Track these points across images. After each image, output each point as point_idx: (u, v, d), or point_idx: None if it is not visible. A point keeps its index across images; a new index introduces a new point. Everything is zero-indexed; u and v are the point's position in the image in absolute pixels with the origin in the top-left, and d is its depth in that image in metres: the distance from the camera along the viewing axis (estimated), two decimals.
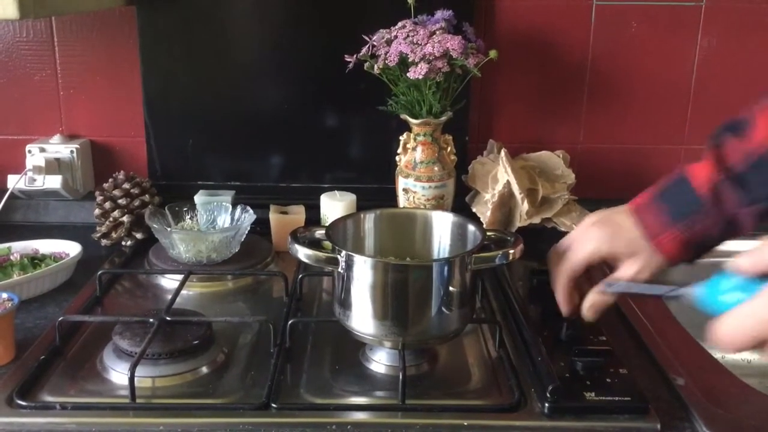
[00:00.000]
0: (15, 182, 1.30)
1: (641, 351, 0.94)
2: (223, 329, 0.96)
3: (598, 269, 0.86)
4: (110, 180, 1.27)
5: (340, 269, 0.85)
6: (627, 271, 0.82)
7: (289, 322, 0.93)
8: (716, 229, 0.78)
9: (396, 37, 1.13)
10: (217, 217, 1.22)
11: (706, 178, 0.77)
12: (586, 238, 0.84)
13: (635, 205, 0.83)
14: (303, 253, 0.85)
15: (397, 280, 0.83)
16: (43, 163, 1.31)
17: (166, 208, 1.21)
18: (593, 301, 0.84)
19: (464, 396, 0.85)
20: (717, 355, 1.29)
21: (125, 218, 1.24)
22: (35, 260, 1.13)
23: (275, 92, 1.34)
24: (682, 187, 0.79)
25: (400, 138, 1.23)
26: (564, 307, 0.87)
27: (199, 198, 1.26)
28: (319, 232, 0.92)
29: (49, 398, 0.82)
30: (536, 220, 1.24)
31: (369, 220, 0.97)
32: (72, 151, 1.35)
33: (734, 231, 0.77)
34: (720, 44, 1.35)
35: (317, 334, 0.97)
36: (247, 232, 1.17)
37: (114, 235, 1.24)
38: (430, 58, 1.10)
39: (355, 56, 1.16)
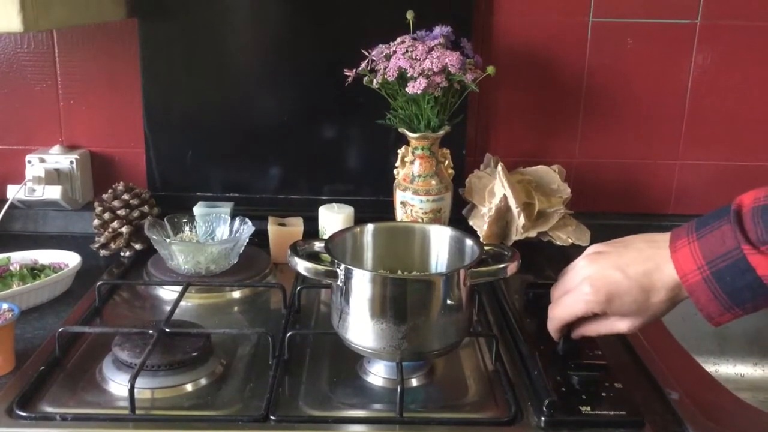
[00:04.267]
0: (15, 192, 1.31)
1: (636, 365, 0.95)
2: (221, 341, 0.96)
3: None
4: (109, 191, 1.28)
5: (339, 282, 0.85)
6: (619, 326, 0.81)
7: (288, 334, 0.94)
8: None
9: (395, 52, 1.14)
10: (216, 228, 1.23)
11: None
12: (580, 295, 0.81)
13: (687, 284, 0.75)
14: (302, 266, 0.86)
15: (395, 293, 0.84)
16: (43, 173, 1.32)
17: (165, 219, 1.21)
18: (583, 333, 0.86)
19: (461, 409, 0.86)
20: (710, 370, 1.31)
21: (124, 229, 1.24)
22: (34, 270, 1.13)
23: (275, 105, 1.35)
24: (746, 276, 0.71)
25: (398, 151, 1.25)
26: (555, 338, 0.89)
27: (198, 209, 1.27)
28: (318, 245, 0.93)
29: (49, 409, 0.82)
30: (532, 233, 1.25)
31: (368, 233, 0.98)
32: (72, 162, 1.35)
33: None
34: (714, 61, 1.37)
35: (315, 346, 0.97)
36: (245, 243, 1.18)
37: (113, 245, 1.25)
38: (429, 73, 1.12)
39: (354, 70, 1.17)
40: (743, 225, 0.71)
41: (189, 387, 0.87)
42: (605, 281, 0.79)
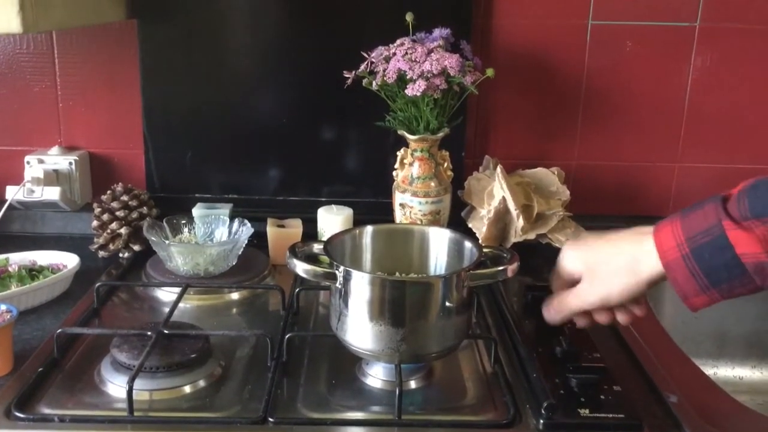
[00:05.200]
0: (14, 193, 1.31)
1: (635, 368, 0.95)
2: (220, 342, 0.96)
3: None
4: (108, 192, 1.28)
5: (337, 284, 0.85)
6: (620, 318, 0.85)
7: (287, 336, 0.94)
8: (751, 289, 0.74)
9: (395, 54, 1.14)
10: (215, 230, 1.23)
11: (754, 255, 0.71)
12: (580, 292, 0.84)
13: (665, 261, 0.76)
14: (302, 268, 0.86)
15: (394, 295, 0.84)
16: (42, 174, 1.32)
17: (164, 220, 1.21)
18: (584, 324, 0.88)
19: (459, 411, 0.86)
20: (709, 372, 1.31)
21: (123, 230, 1.24)
22: (33, 271, 1.13)
23: (274, 106, 1.35)
24: (725, 254, 0.71)
25: (398, 153, 1.25)
26: (557, 322, 0.90)
27: (196, 211, 1.27)
28: (317, 247, 0.93)
29: (47, 410, 0.82)
30: (531, 236, 1.25)
31: (367, 235, 0.98)
32: (70, 163, 1.35)
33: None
34: (713, 64, 1.37)
35: (314, 348, 0.97)
36: (244, 245, 1.18)
37: (111, 246, 1.25)
38: (428, 75, 1.12)
39: (354, 72, 1.17)
40: (727, 204, 0.72)
41: (187, 389, 0.87)
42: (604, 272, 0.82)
